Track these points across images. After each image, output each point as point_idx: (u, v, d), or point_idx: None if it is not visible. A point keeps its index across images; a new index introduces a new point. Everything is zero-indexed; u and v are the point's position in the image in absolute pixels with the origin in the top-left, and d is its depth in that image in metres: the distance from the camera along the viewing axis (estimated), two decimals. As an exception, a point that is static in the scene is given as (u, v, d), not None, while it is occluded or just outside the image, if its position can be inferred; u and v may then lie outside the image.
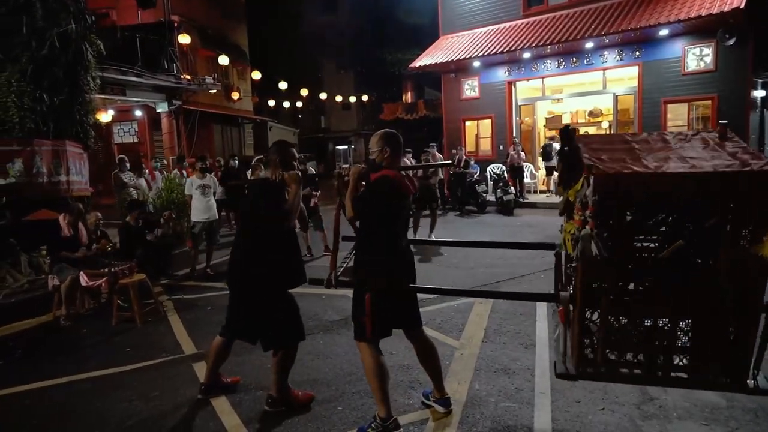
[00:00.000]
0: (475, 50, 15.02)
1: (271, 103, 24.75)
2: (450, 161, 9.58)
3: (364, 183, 3.17)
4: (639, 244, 2.38)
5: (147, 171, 11.16)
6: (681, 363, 2.41)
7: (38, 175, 7.29)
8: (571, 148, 2.73)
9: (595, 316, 2.46)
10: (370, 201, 3.07)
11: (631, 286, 2.39)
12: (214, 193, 7.94)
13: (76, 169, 7.88)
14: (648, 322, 2.40)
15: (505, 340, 4.63)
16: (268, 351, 3.50)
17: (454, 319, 5.20)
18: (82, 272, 5.79)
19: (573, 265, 2.53)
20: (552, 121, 16.29)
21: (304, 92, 23.62)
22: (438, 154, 13.07)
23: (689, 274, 2.35)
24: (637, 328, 2.41)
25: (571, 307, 2.54)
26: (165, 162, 12.94)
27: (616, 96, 14.19)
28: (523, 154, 14.04)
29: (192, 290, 6.92)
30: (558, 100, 15.85)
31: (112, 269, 5.79)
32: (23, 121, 7.44)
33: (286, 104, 25.07)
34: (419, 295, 3.40)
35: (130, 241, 6.95)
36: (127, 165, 10.54)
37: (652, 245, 2.39)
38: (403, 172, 3.17)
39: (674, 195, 2.23)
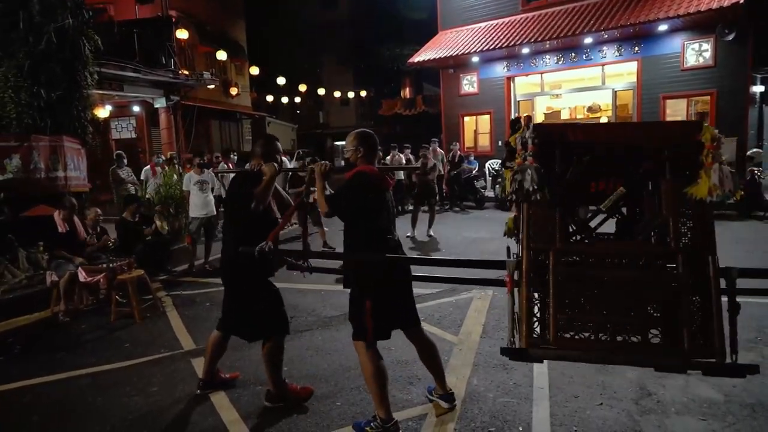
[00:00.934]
0: (474, 45, 14.98)
1: (270, 98, 24.70)
2: (417, 165, 9.72)
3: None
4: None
5: (179, 167, 11.15)
6: (641, 339, 2.22)
7: (36, 170, 7.28)
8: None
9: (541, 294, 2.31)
10: (347, 197, 3.08)
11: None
12: (212, 189, 7.94)
13: (74, 165, 7.86)
14: (598, 290, 2.26)
15: (504, 335, 4.63)
16: (253, 342, 3.53)
17: (452, 314, 5.21)
18: (80, 268, 5.80)
19: (519, 233, 2.48)
20: (551, 116, 16.28)
21: (302, 88, 23.59)
22: (439, 150, 13.06)
23: (631, 227, 2.37)
24: (589, 296, 2.26)
25: (517, 275, 2.39)
26: (164, 158, 12.91)
27: (615, 91, 14.17)
28: (522, 149, 14.02)
29: (190, 286, 6.92)
30: (557, 95, 15.84)
31: (111, 265, 5.79)
32: (20, 116, 7.42)
33: (285, 100, 25.04)
34: (416, 291, 3.41)
35: (127, 236, 6.94)
36: (125, 161, 10.52)
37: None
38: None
39: (608, 143, 2.32)
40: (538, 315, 2.33)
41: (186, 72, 14.84)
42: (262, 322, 3.47)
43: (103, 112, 13.15)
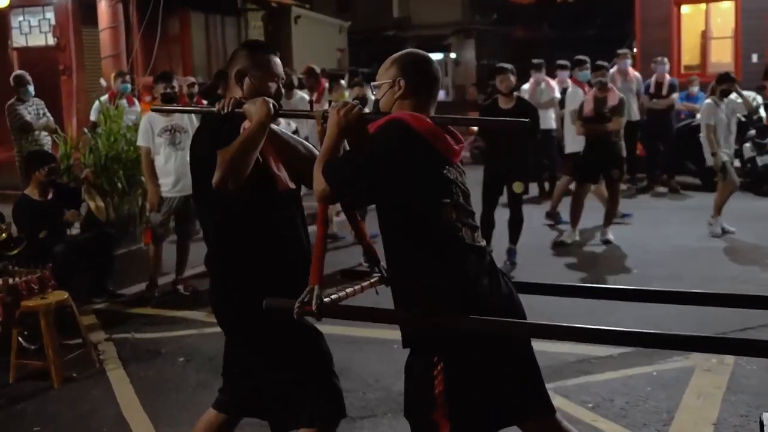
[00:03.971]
0: None
1: (300, -30, 24.98)
2: (523, 120, 8.76)
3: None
4: None
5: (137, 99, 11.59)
6: None
7: None
8: None
9: None
10: (367, 164, 3.02)
11: None
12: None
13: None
14: None
15: (758, 446, 4.49)
16: None
17: (649, 400, 5.12)
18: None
19: None
20: None
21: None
22: (633, 72, 12.69)
23: None
24: None
25: None
26: (103, 83, 13.31)
27: None
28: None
29: (150, 323, 7.17)
30: None
31: (11, 280, 6.00)
32: None
33: (328, -27, 25.23)
34: (575, 351, 3.35)
35: (35, 228, 7.18)
36: (31, 88, 10.82)
37: None
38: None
39: None
40: None
41: None
42: (294, 397, 3.50)
43: (-2, -2, 13.66)
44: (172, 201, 7.85)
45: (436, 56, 33.86)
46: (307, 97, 11.56)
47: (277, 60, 3.62)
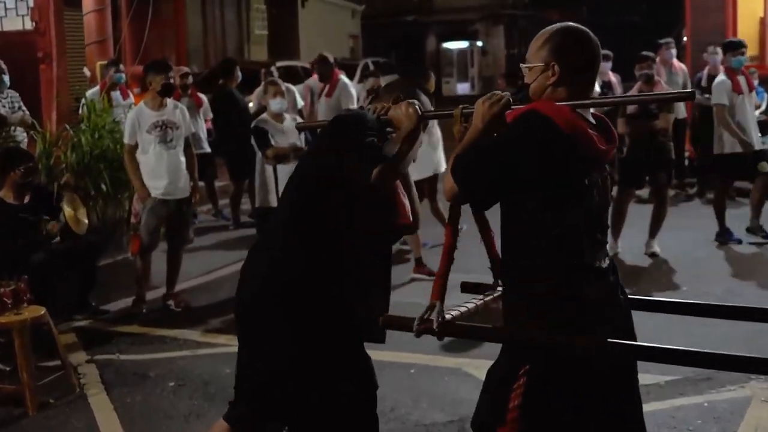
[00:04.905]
0: None
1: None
2: (687, 91, 8.59)
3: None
4: None
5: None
6: None
7: None
8: None
9: None
10: (503, 160, 2.99)
11: None
12: (187, 141, 8.12)
13: None
14: None
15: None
16: None
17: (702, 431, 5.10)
18: None
19: None
20: None
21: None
22: (679, 64, 12.64)
23: None
24: None
25: None
26: (87, 73, 13.34)
27: None
28: None
29: (138, 343, 7.14)
30: None
31: None
32: None
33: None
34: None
35: (9, 235, 7.17)
36: (6, 78, 10.84)
37: None
38: (589, 117, 3.09)
39: None
40: None
41: None
42: (331, 426, 3.54)
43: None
44: (164, 203, 7.81)
45: (460, 45, 33.97)
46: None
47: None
